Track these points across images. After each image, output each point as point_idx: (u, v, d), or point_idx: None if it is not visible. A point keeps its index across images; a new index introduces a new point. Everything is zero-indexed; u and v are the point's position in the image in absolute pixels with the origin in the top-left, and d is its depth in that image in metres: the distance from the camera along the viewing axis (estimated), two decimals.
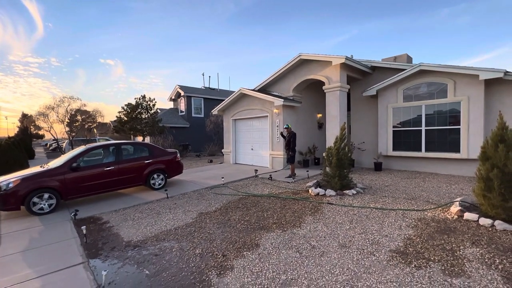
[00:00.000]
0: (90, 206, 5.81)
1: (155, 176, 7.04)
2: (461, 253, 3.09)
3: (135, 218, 4.96)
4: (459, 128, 7.21)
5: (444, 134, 7.55)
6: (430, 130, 7.78)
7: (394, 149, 8.56)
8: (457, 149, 7.29)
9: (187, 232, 4.14)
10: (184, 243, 3.73)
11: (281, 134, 8.37)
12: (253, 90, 10.56)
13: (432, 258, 3.00)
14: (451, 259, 2.96)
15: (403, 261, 2.96)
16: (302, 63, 9.27)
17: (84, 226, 3.97)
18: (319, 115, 11.10)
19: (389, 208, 4.81)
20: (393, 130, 8.55)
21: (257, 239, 3.78)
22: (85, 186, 5.86)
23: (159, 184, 7.11)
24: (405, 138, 8.35)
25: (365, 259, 3.06)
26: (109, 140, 17.13)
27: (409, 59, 10.79)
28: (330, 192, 5.84)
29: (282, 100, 8.94)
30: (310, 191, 6.12)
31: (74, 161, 5.82)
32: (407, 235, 3.64)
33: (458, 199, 4.70)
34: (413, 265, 2.87)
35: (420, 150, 8.01)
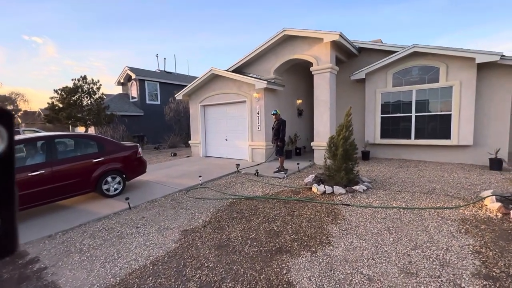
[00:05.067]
0: None
1: (109, 179, 5.25)
2: None
3: (84, 248, 3.31)
4: (450, 114, 7.00)
5: (434, 120, 7.29)
6: (420, 116, 7.47)
7: (382, 136, 8.13)
8: (447, 136, 7.10)
9: (174, 269, 2.73)
10: None
11: (272, 128, 6.92)
12: (227, 71, 9.05)
13: None
14: None
15: None
16: (286, 40, 8.10)
17: None
18: (299, 101, 10.19)
19: (417, 207, 4.09)
20: (381, 117, 8.08)
21: (284, 272, 2.61)
22: None
23: (116, 190, 5.34)
24: (393, 125, 7.95)
25: None
26: (39, 132, 13.79)
27: None
28: (338, 189, 4.94)
29: (265, 82, 7.70)
30: (314, 189, 5.13)
31: None
32: (471, 247, 2.87)
33: (488, 192, 4.20)
34: None
35: (409, 137, 7.69)
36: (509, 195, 4.05)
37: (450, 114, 6.99)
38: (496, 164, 6.25)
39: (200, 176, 6.24)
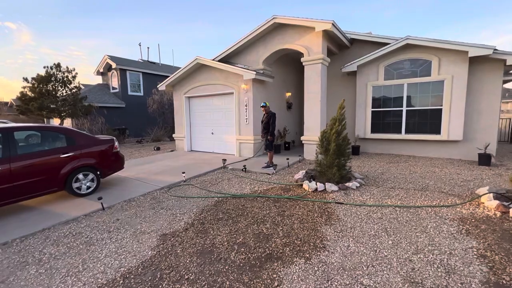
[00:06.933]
0: None
1: (81, 176, 4.73)
2: None
3: (44, 258, 2.85)
4: (441, 109, 6.90)
5: (425, 115, 7.18)
6: (411, 110, 7.34)
7: (373, 131, 7.97)
8: (437, 131, 7.01)
9: (149, 283, 2.36)
10: None
11: (262, 121, 6.60)
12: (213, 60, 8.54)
13: None
14: None
15: None
16: (276, 29, 7.68)
17: None
18: (288, 94, 9.86)
19: (412, 205, 3.89)
20: (372, 111, 7.90)
21: (275, 284, 2.29)
22: None
23: (88, 188, 4.84)
24: (384, 119, 7.80)
25: None
26: (7, 124, 12.75)
27: None
28: (331, 186, 4.68)
29: (254, 73, 7.28)
30: (305, 186, 4.85)
31: None
32: (475, 250, 2.67)
33: (484, 189, 4.06)
34: None
35: (400, 132, 7.57)
36: (505, 192, 3.93)
37: (441, 109, 6.89)
38: (485, 159, 6.22)
39: (183, 172, 5.81)
